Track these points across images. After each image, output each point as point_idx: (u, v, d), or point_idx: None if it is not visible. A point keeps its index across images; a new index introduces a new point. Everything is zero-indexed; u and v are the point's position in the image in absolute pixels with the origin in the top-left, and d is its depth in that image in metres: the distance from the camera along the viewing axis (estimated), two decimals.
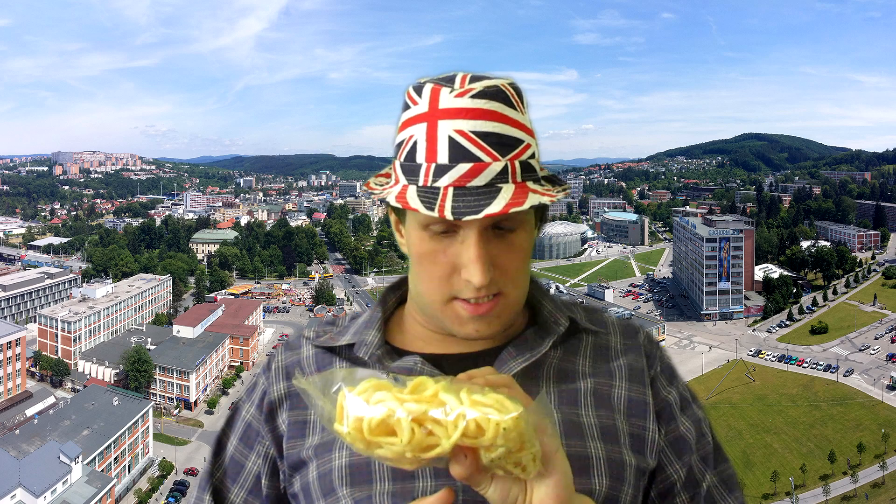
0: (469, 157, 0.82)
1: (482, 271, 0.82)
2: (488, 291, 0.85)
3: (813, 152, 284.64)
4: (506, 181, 0.83)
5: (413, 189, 0.84)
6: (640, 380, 0.98)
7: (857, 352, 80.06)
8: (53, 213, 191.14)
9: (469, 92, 0.84)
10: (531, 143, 0.88)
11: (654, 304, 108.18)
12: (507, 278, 0.87)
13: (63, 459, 41.25)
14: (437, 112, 0.84)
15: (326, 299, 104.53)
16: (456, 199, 0.80)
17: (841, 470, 54.27)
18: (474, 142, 0.82)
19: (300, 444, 0.95)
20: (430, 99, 0.86)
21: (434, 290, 0.88)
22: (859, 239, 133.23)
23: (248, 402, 1.04)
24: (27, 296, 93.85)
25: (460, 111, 0.83)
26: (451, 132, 0.83)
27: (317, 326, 1.07)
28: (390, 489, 0.85)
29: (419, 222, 0.87)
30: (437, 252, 0.86)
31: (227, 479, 1.02)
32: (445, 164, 0.82)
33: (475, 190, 0.81)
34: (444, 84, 0.86)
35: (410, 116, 0.88)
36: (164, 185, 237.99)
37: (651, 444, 0.95)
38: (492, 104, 0.84)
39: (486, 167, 0.82)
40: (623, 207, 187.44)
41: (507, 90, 0.86)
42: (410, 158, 0.86)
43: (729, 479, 1.03)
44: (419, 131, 0.85)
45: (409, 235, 0.91)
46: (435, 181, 0.83)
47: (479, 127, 0.83)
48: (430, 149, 0.84)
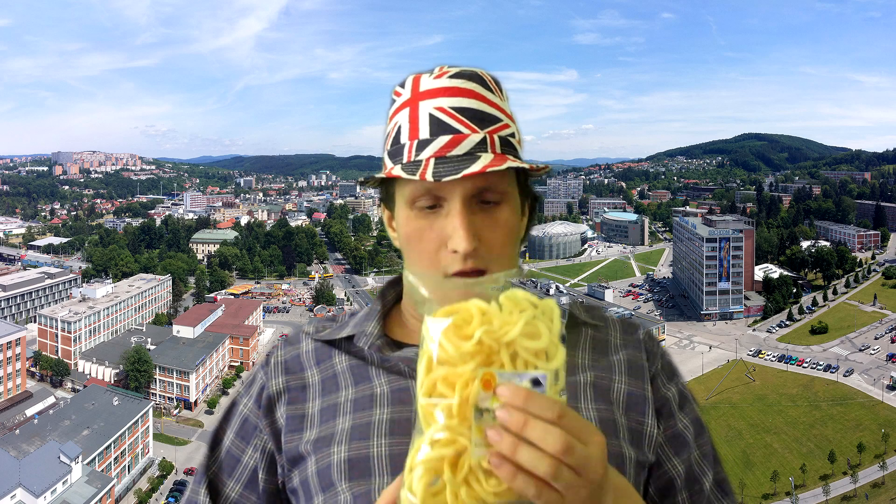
0: (449, 130, 0.86)
1: (466, 238, 0.84)
2: (474, 264, 0.86)
3: (813, 152, 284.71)
4: (485, 151, 0.86)
5: (398, 167, 0.88)
6: (639, 375, 0.99)
7: (857, 352, 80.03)
8: (53, 213, 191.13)
9: (446, 73, 0.90)
10: (510, 125, 0.91)
11: (654, 304, 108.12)
12: (492, 254, 0.88)
13: (63, 459, 41.23)
14: (419, 95, 0.90)
15: (326, 299, 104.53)
16: (436, 166, 0.84)
17: (841, 470, 54.26)
18: (453, 116, 0.87)
19: (298, 439, 0.95)
20: (413, 86, 0.92)
21: (426, 269, 0.89)
22: (859, 239, 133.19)
23: (246, 397, 1.04)
24: (27, 296, 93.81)
25: (439, 90, 0.89)
26: (432, 109, 0.88)
27: (317, 322, 1.08)
28: (390, 483, 0.81)
29: (406, 200, 0.90)
30: (424, 229, 0.88)
31: (223, 473, 1.02)
32: (427, 138, 0.87)
33: (455, 158, 0.85)
34: (424, 73, 0.93)
35: (395, 107, 0.93)
36: (164, 185, 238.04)
37: (649, 439, 0.96)
38: (469, 83, 0.90)
39: (465, 138, 0.86)
40: (623, 207, 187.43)
41: (484, 76, 0.92)
42: (396, 142, 0.91)
43: (723, 481, 1.04)
44: (403, 116, 0.91)
45: (398, 220, 0.93)
46: (417, 155, 0.87)
47: (457, 103, 0.88)
48: (412, 128, 0.88)
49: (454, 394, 0.57)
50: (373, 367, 0.96)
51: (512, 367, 0.58)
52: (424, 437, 0.59)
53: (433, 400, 0.59)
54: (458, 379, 0.58)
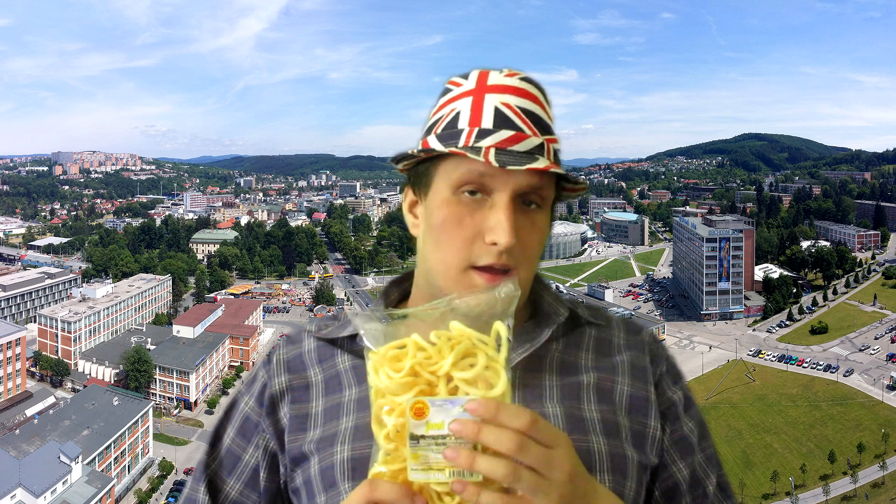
0: (512, 126, 0.86)
1: (510, 232, 0.83)
2: (507, 261, 0.86)
3: (813, 152, 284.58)
4: (542, 154, 0.87)
5: (458, 147, 0.86)
6: (642, 377, 0.98)
7: (857, 352, 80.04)
8: (53, 213, 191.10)
9: (517, 75, 0.91)
10: (558, 139, 0.92)
11: (654, 304, 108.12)
12: (525, 256, 0.88)
13: (63, 459, 41.22)
14: (486, 87, 0.89)
15: (326, 299, 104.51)
16: (498, 154, 0.83)
17: (841, 470, 54.26)
18: (518, 115, 0.87)
19: (302, 438, 0.95)
20: (479, 79, 0.91)
21: (454, 256, 0.88)
22: (859, 239, 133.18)
23: (248, 395, 1.03)
24: (27, 296, 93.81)
25: (509, 88, 0.89)
26: (498, 103, 0.87)
27: (318, 321, 1.07)
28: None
29: (451, 184, 0.88)
30: (464, 215, 0.87)
31: (223, 471, 1.01)
32: (489, 128, 0.86)
33: (516, 153, 0.85)
34: (492, 69, 0.93)
35: (454, 95, 0.92)
36: (164, 185, 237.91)
37: (652, 441, 0.95)
38: (536, 90, 0.91)
39: (527, 138, 0.86)
40: (623, 207, 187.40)
41: (543, 88, 0.93)
42: (451, 127, 0.89)
43: (725, 484, 1.03)
44: (464, 104, 0.90)
45: (431, 205, 0.91)
46: (477, 142, 0.85)
47: (524, 104, 0.88)
48: (474, 116, 0.87)
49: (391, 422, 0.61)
50: None
51: (447, 396, 0.60)
52: (371, 468, 0.64)
53: (378, 429, 0.63)
54: (397, 407, 0.61)
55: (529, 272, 0.90)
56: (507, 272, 0.86)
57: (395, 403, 0.62)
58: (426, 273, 0.94)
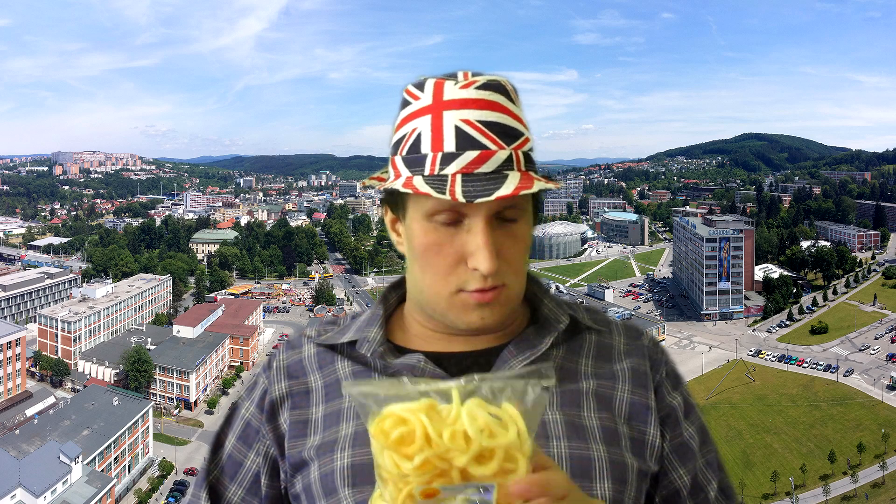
0: (476, 145, 0.83)
1: (490, 258, 0.83)
2: (494, 282, 0.86)
3: (813, 152, 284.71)
4: (511, 169, 0.84)
5: (420, 178, 0.84)
6: (643, 383, 0.98)
7: (857, 352, 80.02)
8: (53, 213, 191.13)
9: (473, 84, 0.86)
10: (530, 138, 0.89)
11: (654, 304, 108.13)
12: (511, 269, 0.88)
13: (63, 459, 41.21)
14: (442, 103, 0.85)
15: (326, 299, 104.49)
16: (465, 184, 0.81)
17: (841, 470, 54.24)
18: (480, 130, 0.83)
19: (302, 444, 0.94)
20: (434, 92, 0.87)
21: (440, 283, 0.88)
22: (859, 239, 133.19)
23: (248, 401, 1.03)
24: (27, 296, 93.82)
25: (466, 101, 0.85)
26: (458, 121, 0.84)
27: (318, 325, 1.06)
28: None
29: (424, 213, 0.87)
30: (443, 243, 0.86)
31: (225, 478, 1.01)
32: (452, 151, 0.83)
33: (483, 176, 0.82)
34: (446, 78, 0.88)
35: (413, 111, 0.88)
36: (164, 185, 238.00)
37: (651, 449, 0.95)
38: (495, 96, 0.86)
39: (493, 155, 0.83)
40: (623, 207, 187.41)
41: (507, 86, 0.88)
42: (414, 150, 0.86)
43: (728, 488, 1.03)
44: (423, 123, 0.86)
45: (410, 230, 0.90)
46: (442, 169, 0.83)
47: (484, 116, 0.84)
48: (435, 138, 0.84)
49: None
50: (375, 374, 0.96)
51: (460, 482, 0.56)
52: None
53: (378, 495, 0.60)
54: (405, 487, 0.57)
55: (519, 282, 0.90)
56: (498, 288, 0.87)
57: (403, 485, 0.57)
58: (418, 292, 0.94)
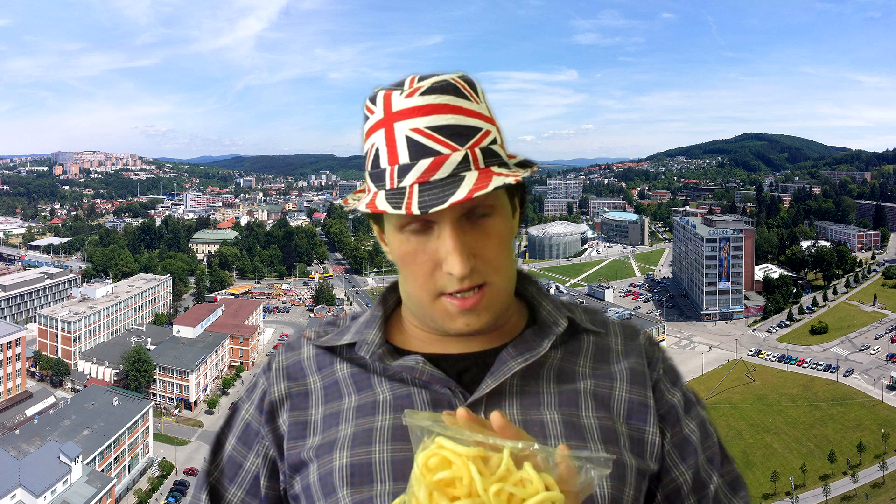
0: (428, 153, 0.84)
1: (461, 261, 0.83)
2: (472, 282, 0.86)
3: (813, 152, 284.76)
4: (468, 169, 0.84)
5: (382, 194, 0.86)
6: (641, 382, 0.98)
7: (857, 352, 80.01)
8: (53, 213, 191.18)
9: (418, 90, 0.86)
10: (490, 130, 0.88)
11: (654, 304, 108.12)
12: (489, 266, 0.88)
13: (63, 459, 41.20)
14: (392, 115, 0.86)
15: (326, 299, 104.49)
16: (421, 194, 0.82)
17: (841, 470, 54.22)
18: (431, 137, 0.84)
19: (301, 445, 0.95)
20: (384, 105, 0.88)
21: (421, 289, 0.89)
22: (859, 239, 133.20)
23: (248, 403, 1.04)
24: (27, 296, 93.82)
25: (413, 110, 0.85)
26: (408, 132, 0.85)
27: (317, 327, 1.07)
28: (391, 489, 0.85)
29: (395, 225, 0.89)
30: (417, 251, 0.87)
31: (225, 479, 1.02)
32: (407, 163, 0.84)
33: (439, 182, 0.82)
34: (394, 88, 0.88)
35: (370, 126, 0.90)
36: (164, 185, 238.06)
37: (651, 447, 0.95)
38: (442, 98, 0.86)
39: (447, 159, 0.83)
40: (623, 207, 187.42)
41: (457, 82, 0.88)
42: (376, 165, 0.88)
43: (734, 480, 1.04)
44: (379, 138, 0.88)
45: (390, 242, 0.92)
46: (400, 181, 0.84)
47: (433, 122, 0.84)
48: (390, 152, 0.86)
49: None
50: (374, 375, 0.96)
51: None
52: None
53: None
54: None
55: (502, 278, 0.91)
56: (480, 287, 0.87)
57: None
58: (406, 297, 0.97)
